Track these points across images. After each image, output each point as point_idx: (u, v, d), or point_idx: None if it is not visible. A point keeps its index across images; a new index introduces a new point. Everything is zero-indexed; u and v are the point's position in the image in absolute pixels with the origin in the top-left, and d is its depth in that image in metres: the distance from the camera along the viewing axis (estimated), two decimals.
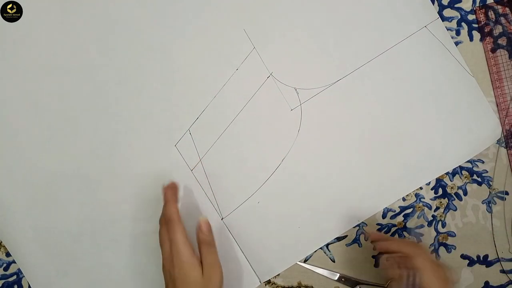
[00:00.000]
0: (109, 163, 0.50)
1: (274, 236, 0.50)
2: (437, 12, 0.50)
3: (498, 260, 0.51)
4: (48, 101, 0.50)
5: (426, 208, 0.51)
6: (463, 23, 0.50)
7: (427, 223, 0.51)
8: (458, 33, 0.50)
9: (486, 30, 0.50)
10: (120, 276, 0.51)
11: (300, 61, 0.50)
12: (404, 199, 0.51)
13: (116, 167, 0.50)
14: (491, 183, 0.51)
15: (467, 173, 0.51)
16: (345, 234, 0.51)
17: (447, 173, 0.51)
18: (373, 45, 0.50)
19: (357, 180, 0.50)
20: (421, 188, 0.51)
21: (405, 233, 0.50)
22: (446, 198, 0.51)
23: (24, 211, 0.50)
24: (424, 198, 0.51)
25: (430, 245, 0.51)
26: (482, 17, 0.50)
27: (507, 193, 0.51)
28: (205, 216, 0.46)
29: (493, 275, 0.51)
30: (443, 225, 0.51)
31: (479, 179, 0.51)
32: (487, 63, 0.50)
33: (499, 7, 0.50)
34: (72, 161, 0.50)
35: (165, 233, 0.44)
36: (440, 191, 0.51)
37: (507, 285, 0.51)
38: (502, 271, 0.51)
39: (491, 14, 0.50)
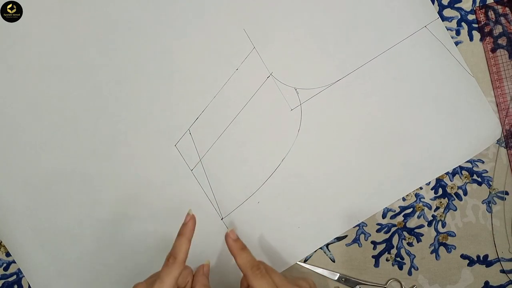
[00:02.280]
0: (109, 163, 0.50)
1: (274, 236, 0.50)
2: (437, 12, 0.50)
3: (498, 260, 0.51)
4: (48, 101, 0.50)
5: (426, 208, 0.51)
6: (463, 23, 0.50)
7: (427, 223, 0.51)
8: (458, 33, 0.50)
9: (486, 30, 0.50)
10: (120, 276, 0.51)
11: (300, 61, 0.50)
12: (404, 199, 0.51)
13: (116, 167, 0.50)
14: (491, 183, 0.51)
15: (467, 173, 0.51)
16: (345, 234, 0.51)
17: (447, 173, 0.51)
18: (373, 45, 0.50)
19: (357, 180, 0.50)
20: (421, 188, 0.51)
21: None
22: (446, 198, 0.51)
23: (24, 211, 0.50)
24: (424, 198, 0.51)
25: (430, 245, 0.51)
26: (482, 17, 0.50)
27: (507, 193, 0.51)
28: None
29: (493, 275, 0.51)
30: (443, 225, 0.51)
31: (479, 179, 0.51)
32: (487, 63, 0.50)
33: (499, 7, 0.50)
34: (72, 161, 0.50)
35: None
36: (440, 191, 0.51)
37: (507, 285, 0.51)
38: (502, 271, 0.51)
39: (491, 14, 0.50)
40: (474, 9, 0.50)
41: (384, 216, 0.51)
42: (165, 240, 0.50)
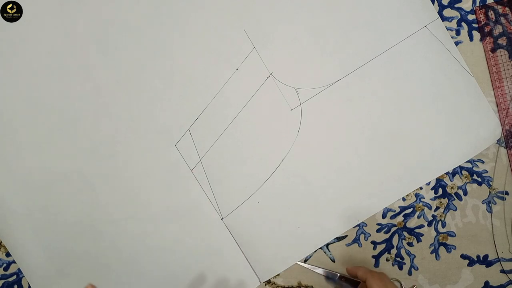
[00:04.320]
0: (109, 163, 0.50)
1: (274, 236, 0.50)
2: (437, 12, 0.50)
3: (498, 260, 0.51)
4: (48, 101, 0.50)
5: (426, 208, 0.51)
6: (463, 23, 0.50)
7: (427, 223, 0.51)
8: (458, 33, 0.50)
9: (486, 30, 0.50)
10: (120, 276, 0.51)
11: (300, 61, 0.50)
12: (404, 199, 0.51)
13: (116, 167, 0.50)
14: (491, 183, 0.51)
15: (467, 173, 0.51)
16: (345, 234, 0.51)
17: (447, 173, 0.51)
18: (373, 45, 0.50)
19: (357, 180, 0.50)
20: (421, 188, 0.51)
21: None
22: (446, 198, 0.51)
23: (24, 211, 0.50)
24: (424, 198, 0.51)
25: (430, 245, 0.51)
26: (482, 17, 0.50)
27: (507, 193, 0.51)
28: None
29: (493, 275, 0.51)
30: (443, 225, 0.51)
31: (479, 179, 0.51)
32: (487, 63, 0.50)
33: (499, 7, 0.50)
34: (72, 161, 0.50)
35: None
36: (440, 191, 0.51)
37: (507, 285, 0.51)
38: (502, 271, 0.51)
39: (491, 14, 0.50)
40: (474, 9, 0.50)
41: (384, 216, 0.51)
42: (164, 240, 0.50)
